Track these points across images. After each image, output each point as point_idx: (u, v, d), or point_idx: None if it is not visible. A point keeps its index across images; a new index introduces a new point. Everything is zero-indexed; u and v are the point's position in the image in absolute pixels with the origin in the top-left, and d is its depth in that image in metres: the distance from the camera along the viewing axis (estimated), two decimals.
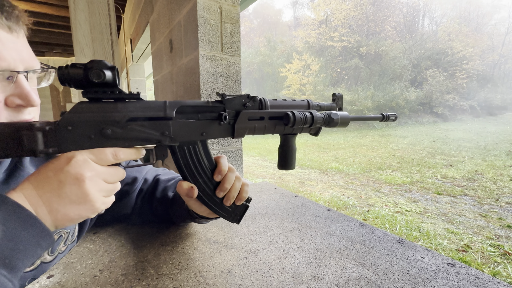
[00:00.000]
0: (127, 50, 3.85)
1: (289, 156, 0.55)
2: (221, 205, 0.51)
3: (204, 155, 0.49)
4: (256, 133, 0.50)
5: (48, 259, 0.51)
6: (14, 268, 0.32)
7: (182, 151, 0.48)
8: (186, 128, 0.45)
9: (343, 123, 0.55)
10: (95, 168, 0.37)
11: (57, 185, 0.35)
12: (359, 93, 18.78)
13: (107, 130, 0.39)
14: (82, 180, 0.36)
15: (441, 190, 4.26)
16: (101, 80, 0.36)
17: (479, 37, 22.20)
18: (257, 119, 0.49)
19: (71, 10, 2.81)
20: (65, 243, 0.55)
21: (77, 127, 0.38)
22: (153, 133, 0.42)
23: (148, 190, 0.69)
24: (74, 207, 0.36)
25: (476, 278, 0.47)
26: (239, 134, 0.48)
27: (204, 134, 0.46)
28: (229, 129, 0.48)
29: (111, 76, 0.37)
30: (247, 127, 0.48)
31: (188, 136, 0.45)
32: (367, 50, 20.77)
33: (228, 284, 0.46)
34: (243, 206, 0.53)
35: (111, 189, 0.41)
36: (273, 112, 0.50)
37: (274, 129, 0.51)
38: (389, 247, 0.58)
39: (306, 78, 19.59)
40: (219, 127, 0.47)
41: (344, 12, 21.83)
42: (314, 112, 0.51)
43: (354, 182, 5.01)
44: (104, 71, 0.36)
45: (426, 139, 10.61)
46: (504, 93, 20.83)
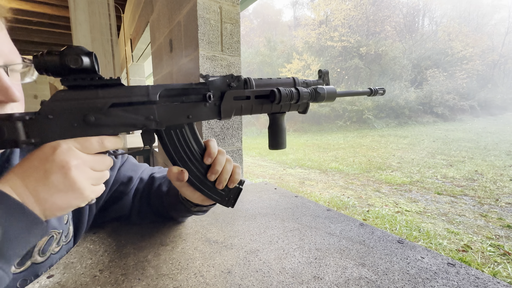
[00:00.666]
0: (127, 50, 3.85)
1: (279, 135, 0.54)
2: (213, 188, 0.51)
3: (192, 139, 0.48)
4: (243, 113, 0.49)
5: (39, 260, 0.50)
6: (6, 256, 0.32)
7: (169, 136, 0.47)
8: (171, 111, 0.44)
9: (330, 97, 0.55)
10: (81, 156, 0.37)
11: (43, 174, 0.34)
12: None
13: (90, 117, 0.38)
14: (68, 168, 0.35)
15: (441, 190, 4.27)
16: (79, 66, 0.35)
17: (479, 37, 22.20)
18: (243, 98, 0.48)
19: (71, 10, 2.81)
20: (58, 243, 0.54)
21: (58, 115, 0.37)
22: (137, 118, 0.41)
23: (145, 188, 0.69)
24: (62, 196, 0.36)
25: (476, 278, 0.47)
26: (226, 115, 0.48)
27: (191, 117, 0.45)
28: (215, 110, 0.47)
29: (89, 61, 0.36)
30: (233, 107, 0.48)
31: (174, 119, 0.45)
32: (367, 50, 20.77)
33: (228, 284, 0.46)
34: (236, 189, 0.53)
35: (99, 177, 0.40)
36: (259, 91, 0.49)
37: (261, 108, 0.50)
38: (389, 247, 0.58)
39: (306, 78, 19.58)
40: (205, 109, 0.46)
41: (344, 12, 21.83)
42: (300, 88, 0.51)
43: (354, 182, 5.01)
44: (81, 56, 0.35)
45: (426, 139, 10.61)
46: (504, 93, 20.82)
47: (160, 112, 0.43)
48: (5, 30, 0.43)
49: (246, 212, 0.79)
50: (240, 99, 0.48)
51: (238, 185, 0.53)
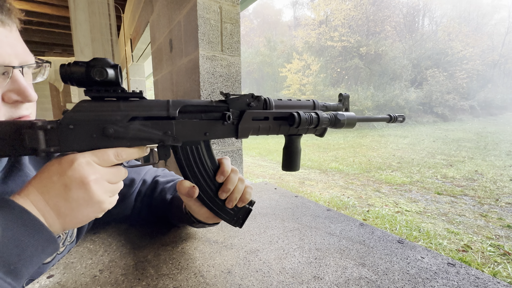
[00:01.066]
0: (127, 50, 3.85)
1: (294, 157, 0.54)
2: (223, 207, 0.50)
3: (207, 156, 0.48)
4: (260, 133, 0.49)
5: (47, 260, 0.51)
6: (19, 274, 0.32)
7: (184, 151, 0.47)
8: (189, 128, 0.44)
9: (350, 124, 0.54)
10: (98, 170, 0.37)
11: (63, 190, 0.35)
12: (359, 93, 18.78)
13: (109, 129, 0.38)
14: (87, 183, 0.35)
15: (441, 190, 4.26)
16: (104, 79, 0.36)
17: (479, 37, 22.20)
18: (262, 119, 0.48)
19: (71, 10, 2.80)
20: (63, 243, 0.55)
21: (79, 126, 0.37)
22: (155, 133, 0.41)
23: (147, 191, 0.69)
24: (81, 210, 0.36)
25: (476, 278, 0.47)
26: (243, 134, 0.47)
27: (208, 134, 0.46)
28: (233, 129, 0.47)
29: (114, 74, 0.37)
30: (251, 127, 0.48)
31: (191, 136, 0.45)
32: (367, 50, 20.77)
33: (228, 284, 0.46)
34: (246, 209, 0.52)
35: (115, 188, 0.41)
36: (278, 112, 0.49)
37: (278, 130, 0.50)
38: (389, 247, 0.58)
39: (306, 78, 19.60)
40: (223, 127, 0.46)
41: (344, 12, 21.83)
42: (320, 112, 0.51)
43: (354, 182, 5.01)
44: (106, 69, 0.36)
45: (426, 139, 10.61)
46: (504, 93, 20.82)
47: (178, 128, 0.43)
48: (18, 32, 0.43)
49: None
50: (258, 119, 0.48)
51: (248, 205, 0.52)
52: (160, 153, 0.44)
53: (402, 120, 0.65)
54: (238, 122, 0.47)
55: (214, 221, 0.54)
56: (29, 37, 4.58)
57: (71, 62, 0.36)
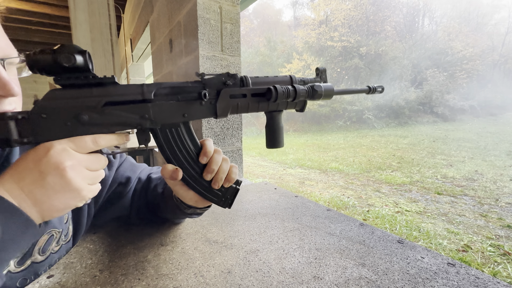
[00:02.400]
0: (127, 50, 3.85)
1: (277, 134, 0.53)
2: (209, 188, 0.50)
3: (188, 138, 0.48)
4: (239, 111, 0.49)
5: (39, 259, 0.50)
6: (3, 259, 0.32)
7: (164, 134, 0.46)
8: (167, 110, 0.43)
9: (327, 95, 0.54)
10: (75, 156, 0.36)
11: (39, 176, 0.34)
12: None
13: (83, 116, 0.37)
14: (63, 169, 0.35)
15: (441, 190, 4.27)
16: (72, 64, 0.35)
17: (479, 37, 22.20)
18: (240, 96, 0.48)
19: (71, 10, 2.80)
20: (58, 242, 0.54)
21: (51, 114, 0.36)
22: (132, 117, 0.41)
23: (142, 189, 0.69)
24: (59, 197, 0.35)
25: (476, 278, 0.47)
26: (222, 113, 0.47)
27: (186, 115, 0.45)
28: (211, 108, 0.46)
29: (82, 60, 0.36)
30: (229, 105, 0.47)
31: (169, 118, 0.44)
32: (367, 50, 20.76)
33: (228, 284, 0.46)
34: (233, 189, 0.51)
35: (95, 176, 0.40)
36: (255, 89, 0.49)
37: (258, 107, 0.50)
38: (389, 247, 0.58)
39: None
40: (201, 107, 0.46)
41: (344, 12, 21.82)
42: (297, 85, 0.50)
43: (354, 182, 5.01)
44: (74, 55, 0.35)
45: (426, 139, 10.61)
46: (504, 93, 20.80)
47: (155, 110, 0.42)
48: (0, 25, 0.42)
49: (246, 212, 0.79)
50: (236, 97, 0.48)
51: (234, 185, 0.52)
52: (139, 138, 0.44)
53: (381, 90, 0.64)
54: (216, 101, 0.46)
55: (204, 204, 0.54)
56: (29, 37, 4.58)
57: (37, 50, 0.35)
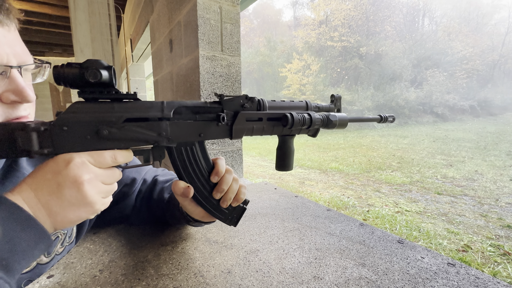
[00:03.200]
0: (127, 50, 3.85)
1: (287, 157, 0.55)
2: (217, 207, 0.51)
3: (202, 156, 0.49)
4: (254, 134, 0.50)
5: (44, 261, 0.51)
6: (11, 269, 0.32)
7: (179, 152, 0.47)
8: (184, 129, 0.44)
9: (342, 124, 0.56)
10: (93, 171, 0.37)
11: (56, 188, 0.35)
12: (359, 93, 18.77)
13: (103, 131, 0.38)
14: (80, 183, 0.35)
15: (441, 190, 4.26)
16: (97, 80, 0.36)
17: (479, 37, 22.20)
18: (255, 120, 0.49)
19: (71, 10, 2.80)
20: (62, 244, 0.55)
21: (72, 127, 0.37)
22: (150, 134, 0.41)
23: (147, 191, 0.69)
24: (73, 209, 0.36)
25: (476, 278, 0.47)
26: (237, 135, 0.48)
27: (202, 135, 0.46)
28: (227, 130, 0.47)
29: (108, 76, 0.36)
30: (245, 128, 0.48)
31: (185, 137, 0.45)
32: (367, 50, 20.77)
33: (228, 284, 0.46)
34: (240, 209, 0.52)
35: (109, 190, 0.40)
36: (271, 113, 0.50)
37: (272, 130, 0.51)
38: (389, 247, 0.58)
39: (306, 78, 19.59)
40: (217, 128, 0.47)
41: (344, 12, 21.82)
42: (312, 113, 0.52)
43: (354, 182, 5.01)
44: (100, 70, 0.36)
45: (426, 139, 10.60)
46: (504, 93, 20.80)
47: (172, 128, 0.43)
48: (17, 32, 0.42)
49: (246, 212, 0.79)
50: (252, 120, 0.48)
51: (242, 205, 0.52)
52: (154, 154, 0.45)
53: (392, 120, 0.66)
54: (232, 123, 0.47)
55: (209, 219, 0.54)
56: (29, 37, 4.58)
57: (65, 64, 0.36)
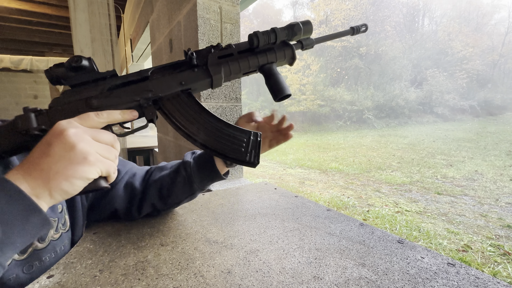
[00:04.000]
0: (127, 50, 3.85)
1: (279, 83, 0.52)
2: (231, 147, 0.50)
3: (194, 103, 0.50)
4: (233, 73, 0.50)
5: (39, 246, 0.50)
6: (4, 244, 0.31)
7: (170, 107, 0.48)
8: (164, 82, 0.47)
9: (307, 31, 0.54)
10: (79, 126, 0.38)
11: (46, 147, 0.35)
12: (359, 93, 18.77)
13: (92, 101, 0.42)
14: (65, 134, 0.35)
15: (441, 190, 4.27)
16: (79, 64, 0.41)
17: (479, 37, 22.19)
18: (227, 55, 0.50)
19: (70, 10, 2.80)
20: (56, 230, 0.55)
21: (66, 106, 0.42)
22: (135, 93, 0.45)
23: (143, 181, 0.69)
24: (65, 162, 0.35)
25: (476, 278, 0.47)
26: (215, 72, 0.49)
27: (183, 83, 0.48)
28: (205, 72, 0.49)
29: (88, 63, 0.42)
30: (220, 66, 0.49)
31: (168, 88, 0.47)
32: (367, 50, 20.75)
33: (228, 284, 0.46)
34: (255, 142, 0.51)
35: (105, 148, 0.40)
36: (238, 45, 0.51)
37: (249, 64, 0.51)
38: (389, 247, 0.58)
39: (306, 78, 19.58)
40: (195, 73, 0.49)
41: (344, 12, 21.81)
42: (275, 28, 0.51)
43: (354, 182, 5.01)
44: (81, 59, 0.41)
45: (426, 139, 10.61)
46: (504, 93, 20.79)
47: (153, 84, 0.47)
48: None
49: (246, 212, 0.79)
50: (224, 57, 0.50)
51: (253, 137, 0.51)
52: (146, 113, 0.47)
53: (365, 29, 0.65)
54: (206, 63, 0.49)
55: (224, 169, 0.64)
56: (29, 37, 4.58)
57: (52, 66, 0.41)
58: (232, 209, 0.82)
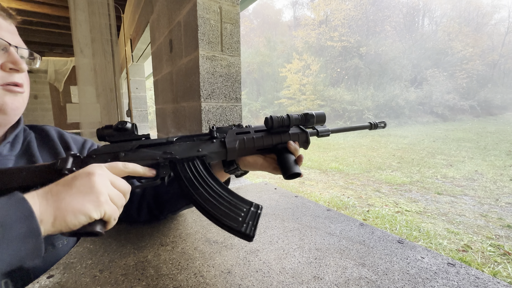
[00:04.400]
0: (127, 50, 3.85)
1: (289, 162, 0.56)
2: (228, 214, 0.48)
3: (205, 170, 0.54)
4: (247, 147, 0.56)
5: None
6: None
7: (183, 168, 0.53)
8: (184, 147, 0.54)
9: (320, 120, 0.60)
10: (105, 170, 0.43)
11: (71, 179, 0.40)
12: (359, 93, 18.77)
13: (121, 154, 0.50)
14: (92, 174, 0.40)
15: (441, 190, 4.26)
16: (123, 126, 0.50)
17: (479, 37, 22.18)
18: (244, 132, 0.57)
19: (71, 10, 2.80)
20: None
21: (99, 156, 0.49)
22: (157, 152, 0.52)
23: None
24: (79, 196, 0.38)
25: (476, 278, 0.47)
26: (230, 147, 0.55)
27: (200, 150, 0.54)
28: (221, 144, 0.55)
29: (130, 126, 0.51)
30: (236, 139, 0.56)
31: (186, 152, 0.53)
32: (367, 50, 20.77)
33: (228, 284, 0.46)
34: (254, 213, 0.49)
35: (117, 195, 0.43)
36: (256, 126, 0.59)
37: (263, 142, 0.57)
38: (389, 247, 0.58)
39: (306, 78, 19.58)
40: (212, 145, 0.55)
41: (344, 12, 21.82)
42: (290, 113, 0.58)
43: (354, 182, 5.01)
44: (126, 123, 0.50)
45: (426, 139, 10.60)
46: (504, 93, 20.79)
47: (175, 148, 0.53)
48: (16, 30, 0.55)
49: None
50: (241, 133, 0.57)
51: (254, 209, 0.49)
52: (160, 171, 0.52)
53: (384, 126, 0.69)
54: (224, 137, 0.56)
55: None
56: (29, 37, 4.58)
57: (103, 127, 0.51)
58: None
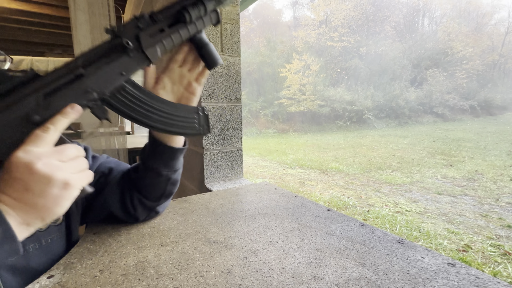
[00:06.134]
0: None
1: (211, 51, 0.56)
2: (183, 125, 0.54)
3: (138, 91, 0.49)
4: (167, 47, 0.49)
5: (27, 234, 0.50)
6: None
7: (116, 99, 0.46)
8: (104, 77, 0.42)
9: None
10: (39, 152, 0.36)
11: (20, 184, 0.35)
12: (359, 93, 18.78)
13: (34, 117, 0.37)
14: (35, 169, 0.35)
15: (441, 190, 4.26)
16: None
17: (479, 37, 22.19)
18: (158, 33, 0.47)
19: (71, 11, 2.81)
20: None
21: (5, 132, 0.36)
22: (78, 95, 0.40)
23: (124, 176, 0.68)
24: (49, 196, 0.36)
25: (476, 278, 0.47)
26: (152, 55, 0.47)
27: (124, 73, 0.44)
28: (141, 55, 0.46)
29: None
30: (154, 43, 0.47)
31: (110, 83, 0.43)
32: (367, 50, 20.79)
33: (228, 284, 0.46)
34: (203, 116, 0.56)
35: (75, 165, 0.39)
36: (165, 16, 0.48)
37: (180, 36, 0.50)
38: (389, 247, 0.58)
39: (306, 78, 19.58)
40: (132, 59, 0.45)
41: (344, 12, 21.84)
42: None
43: (354, 182, 5.01)
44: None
45: (426, 139, 10.60)
46: (504, 93, 20.78)
47: (93, 82, 0.41)
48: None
49: (246, 212, 0.79)
50: (155, 34, 0.47)
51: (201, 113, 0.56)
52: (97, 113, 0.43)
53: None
54: (141, 46, 0.45)
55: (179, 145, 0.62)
56: (29, 38, 4.58)
57: None
58: (232, 209, 0.82)
